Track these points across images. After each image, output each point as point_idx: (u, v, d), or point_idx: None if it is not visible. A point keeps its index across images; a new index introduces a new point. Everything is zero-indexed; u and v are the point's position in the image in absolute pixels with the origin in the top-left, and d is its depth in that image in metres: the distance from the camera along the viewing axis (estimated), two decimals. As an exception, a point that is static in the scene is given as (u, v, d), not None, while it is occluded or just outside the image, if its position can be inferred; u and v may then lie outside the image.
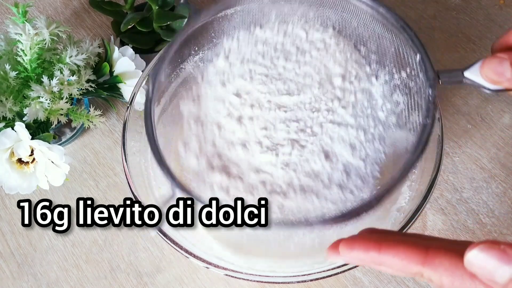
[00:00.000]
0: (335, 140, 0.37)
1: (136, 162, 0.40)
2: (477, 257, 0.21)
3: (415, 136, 0.32)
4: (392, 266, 0.24)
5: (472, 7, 0.55)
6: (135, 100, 0.41)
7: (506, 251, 0.21)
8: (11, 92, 0.42)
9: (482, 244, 0.21)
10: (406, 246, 0.24)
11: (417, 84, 0.34)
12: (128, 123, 0.40)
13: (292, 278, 0.35)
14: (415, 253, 0.23)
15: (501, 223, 0.45)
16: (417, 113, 0.34)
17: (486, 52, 0.52)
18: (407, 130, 0.35)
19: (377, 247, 0.24)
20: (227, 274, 0.35)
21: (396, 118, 0.36)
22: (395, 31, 0.35)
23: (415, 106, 0.34)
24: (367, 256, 0.25)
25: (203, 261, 0.36)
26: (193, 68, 0.44)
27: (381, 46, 0.37)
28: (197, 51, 0.45)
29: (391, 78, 0.37)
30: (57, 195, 0.49)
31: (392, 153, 0.38)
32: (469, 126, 0.49)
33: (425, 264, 0.23)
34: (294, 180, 0.36)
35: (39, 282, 0.45)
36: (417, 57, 0.32)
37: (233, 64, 0.40)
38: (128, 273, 0.45)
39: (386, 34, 0.36)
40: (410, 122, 0.35)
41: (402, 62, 0.36)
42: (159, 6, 0.50)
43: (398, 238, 0.25)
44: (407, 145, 0.35)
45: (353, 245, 0.25)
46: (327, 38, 0.40)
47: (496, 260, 0.21)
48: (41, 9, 0.58)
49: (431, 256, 0.23)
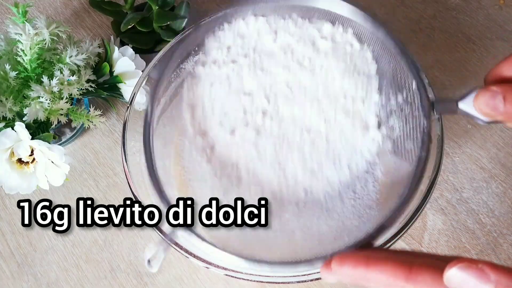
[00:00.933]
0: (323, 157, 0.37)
1: (136, 162, 0.40)
2: (456, 276, 0.22)
3: (411, 166, 0.32)
4: (378, 282, 0.25)
5: (472, 7, 0.55)
6: (135, 100, 0.41)
7: (484, 270, 0.22)
8: (11, 92, 0.42)
9: (460, 263, 0.22)
10: (391, 262, 0.25)
11: (413, 110, 0.34)
12: (128, 123, 0.40)
13: (292, 278, 0.35)
14: (400, 269, 0.24)
15: (501, 223, 0.45)
16: (413, 142, 0.34)
17: (486, 52, 0.52)
18: (403, 158, 0.35)
19: (364, 263, 0.25)
20: (227, 274, 0.35)
21: (392, 145, 0.36)
22: (393, 54, 0.35)
23: (411, 134, 0.34)
24: (355, 272, 0.26)
25: (203, 261, 0.35)
26: (193, 68, 0.44)
27: (379, 67, 0.37)
28: (197, 51, 0.45)
29: (387, 101, 0.37)
30: (57, 195, 0.49)
31: (389, 181, 0.38)
32: (469, 126, 0.49)
33: (409, 281, 0.24)
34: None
35: (39, 282, 0.45)
36: (413, 83, 0.32)
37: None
38: (128, 273, 0.45)
39: (384, 55, 0.36)
40: (405, 150, 0.35)
41: (399, 85, 0.36)
42: (159, 6, 0.50)
43: (385, 255, 0.26)
44: (403, 174, 0.35)
45: (343, 261, 0.26)
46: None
47: (474, 279, 0.22)
48: (41, 9, 0.58)
49: (415, 272, 0.24)
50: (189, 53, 0.43)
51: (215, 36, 0.41)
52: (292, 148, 0.37)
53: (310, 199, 0.36)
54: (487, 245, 0.45)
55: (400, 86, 0.36)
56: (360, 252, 0.26)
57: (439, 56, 0.53)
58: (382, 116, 0.37)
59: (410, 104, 0.34)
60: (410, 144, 0.34)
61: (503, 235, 0.45)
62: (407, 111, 0.35)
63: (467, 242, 0.45)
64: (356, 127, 0.37)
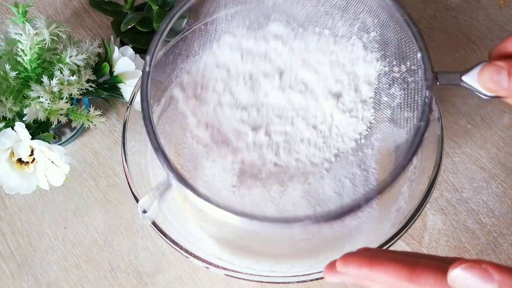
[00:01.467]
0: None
1: (136, 162, 0.40)
2: (460, 276, 0.22)
3: (408, 136, 0.32)
4: (382, 282, 0.25)
5: (472, 7, 0.55)
6: (135, 100, 0.41)
7: (487, 270, 0.22)
8: (11, 92, 0.42)
9: (464, 263, 0.22)
10: (395, 263, 0.25)
11: (416, 80, 0.34)
12: (128, 123, 0.40)
13: (292, 278, 0.35)
14: (403, 270, 0.24)
15: (501, 223, 0.45)
16: (413, 113, 0.34)
17: (486, 52, 0.52)
18: (400, 126, 0.35)
19: (368, 264, 0.25)
20: (227, 274, 0.35)
21: (391, 112, 0.36)
22: (400, 23, 0.34)
23: (412, 104, 0.34)
24: (360, 272, 0.26)
25: (203, 261, 0.36)
26: (192, 68, 0.44)
27: (384, 35, 0.37)
28: (197, 51, 0.45)
29: (390, 70, 0.37)
30: (57, 195, 0.49)
31: (384, 147, 0.38)
32: (469, 126, 0.49)
33: (411, 281, 0.24)
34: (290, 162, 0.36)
35: (39, 282, 0.45)
36: (418, 54, 0.32)
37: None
38: (128, 273, 0.45)
39: (391, 24, 0.36)
40: (404, 119, 0.35)
41: (403, 55, 0.36)
42: (159, 6, 0.50)
43: (388, 255, 0.26)
44: (399, 143, 0.35)
45: (348, 261, 0.26)
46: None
47: (478, 279, 0.22)
48: (41, 9, 0.58)
49: (417, 273, 0.24)
50: (189, 53, 0.43)
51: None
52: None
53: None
54: (487, 245, 0.45)
55: (404, 56, 0.35)
56: (364, 253, 0.26)
57: (439, 56, 0.53)
58: (384, 83, 0.37)
59: (413, 74, 0.34)
60: (409, 113, 0.34)
61: (503, 235, 0.45)
62: (409, 80, 0.35)
63: (467, 242, 0.45)
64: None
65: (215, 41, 0.40)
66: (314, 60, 0.38)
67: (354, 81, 0.38)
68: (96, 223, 0.47)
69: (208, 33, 0.41)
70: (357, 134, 0.37)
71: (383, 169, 0.42)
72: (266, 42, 0.39)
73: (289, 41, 0.39)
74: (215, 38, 0.41)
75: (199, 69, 0.40)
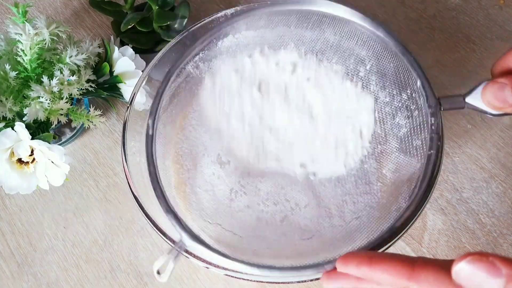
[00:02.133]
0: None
1: (136, 162, 0.40)
2: (465, 269, 0.21)
3: (419, 164, 0.32)
4: (381, 280, 0.25)
5: (472, 7, 0.55)
6: (135, 100, 0.41)
7: (494, 263, 0.21)
8: (11, 92, 0.42)
9: (470, 256, 0.21)
10: (394, 261, 0.25)
11: (418, 107, 0.34)
12: (128, 123, 0.40)
13: (292, 278, 0.35)
14: (402, 267, 0.24)
15: (501, 223, 0.45)
16: (421, 140, 0.33)
17: (486, 52, 0.52)
18: (410, 156, 0.35)
19: (368, 263, 0.25)
20: (227, 274, 0.35)
21: (399, 142, 0.36)
22: (395, 53, 0.35)
23: (419, 131, 0.34)
24: (359, 272, 0.26)
25: (203, 261, 0.35)
26: (193, 68, 0.44)
27: (381, 66, 0.37)
28: (197, 51, 0.45)
29: (391, 99, 0.37)
30: (57, 195, 0.49)
31: (396, 179, 0.38)
32: (469, 126, 0.49)
33: (411, 279, 0.24)
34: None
35: (39, 282, 0.45)
36: (417, 82, 0.32)
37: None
38: (128, 273, 0.45)
39: (386, 54, 0.36)
40: (413, 148, 0.35)
41: (403, 83, 0.36)
42: (159, 6, 0.50)
43: (388, 254, 0.26)
44: (412, 172, 0.35)
45: (347, 260, 0.26)
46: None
47: (485, 273, 0.21)
48: (41, 9, 0.58)
49: (417, 270, 0.24)
50: (189, 53, 0.43)
51: (215, 37, 0.41)
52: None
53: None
54: (487, 245, 0.45)
55: (403, 85, 0.35)
56: (363, 253, 0.26)
57: (439, 56, 0.53)
58: (387, 112, 0.37)
59: (415, 102, 0.34)
60: (417, 142, 0.34)
61: (503, 235, 0.45)
62: (413, 109, 0.35)
63: (467, 242, 0.45)
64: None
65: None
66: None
67: (355, 127, 0.38)
68: (96, 223, 0.47)
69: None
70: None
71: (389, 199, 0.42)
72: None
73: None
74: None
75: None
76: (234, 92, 0.40)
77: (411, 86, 0.34)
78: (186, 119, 0.45)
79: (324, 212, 0.40)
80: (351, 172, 0.40)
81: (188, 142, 0.44)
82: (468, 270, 0.21)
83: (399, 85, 0.36)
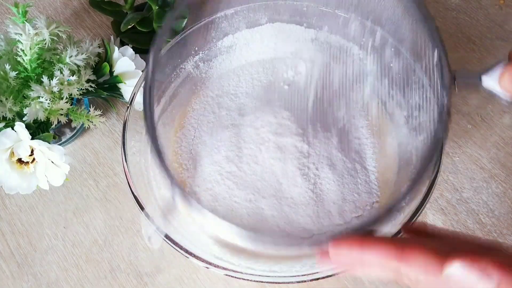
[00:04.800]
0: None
1: (136, 162, 0.40)
2: (457, 272, 0.21)
3: (426, 143, 0.31)
4: (372, 263, 0.25)
5: (472, 7, 0.55)
6: (135, 100, 0.41)
7: (487, 268, 0.21)
8: (11, 92, 0.42)
9: (462, 258, 0.21)
10: (384, 243, 0.24)
11: (431, 81, 0.32)
12: (128, 123, 0.40)
13: (292, 278, 0.35)
14: (392, 250, 0.24)
15: (501, 223, 0.45)
16: (429, 117, 0.32)
17: (486, 52, 0.53)
18: (417, 132, 0.34)
19: (359, 245, 0.25)
20: (227, 274, 0.35)
21: (406, 117, 0.35)
22: (416, 18, 0.32)
23: (428, 108, 0.33)
24: (351, 254, 0.25)
25: (203, 261, 0.35)
26: (193, 68, 0.44)
27: (399, 31, 0.35)
28: (197, 51, 0.45)
29: (404, 68, 0.35)
30: (57, 195, 0.49)
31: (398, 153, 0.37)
32: (469, 126, 0.49)
33: (401, 260, 0.24)
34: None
35: (39, 282, 0.45)
36: (435, 51, 0.30)
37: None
38: (128, 273, 0.45)
39: (406, 18, 0.34)
40: (420, 125, 0.34)
41: (419, 53, 0.34)
42: (159, 6, 0.50)
43: (379, 237, 0.26)
44: (415, 152, 0.34)
45: (340, 244, 0.26)
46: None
47: (476, 277, 0.21)
48: (41, 9, 0.58)
49: (407, 252, 0.24)
50: (189, 53, 0.43)
51: (215, 36, 0.41)
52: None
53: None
54: (487, 245, 0.45)
55: (419, 55, 0.33)
56: (355, 236, 0.26)
57: (439, 56, 0.53)
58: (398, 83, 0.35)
59: (429, 75, 0.32)
60: (425, 118, 0.32)
61: (503, 235, 0.45)
62: (425, 82, 0.33)
63: (467, 242, 0.45)
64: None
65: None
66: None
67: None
68: (96, 223, 0.47)
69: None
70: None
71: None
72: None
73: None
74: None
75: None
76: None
77: (427, 56, 0.32)
78: (185, 118, 0.45)
79: (324, 211, 0.40)
80: (351, 172, 0.40)
81: (186, 140, 0.44)
82: (460, 273, 0.21)
83: (415, 54, 0.34)
